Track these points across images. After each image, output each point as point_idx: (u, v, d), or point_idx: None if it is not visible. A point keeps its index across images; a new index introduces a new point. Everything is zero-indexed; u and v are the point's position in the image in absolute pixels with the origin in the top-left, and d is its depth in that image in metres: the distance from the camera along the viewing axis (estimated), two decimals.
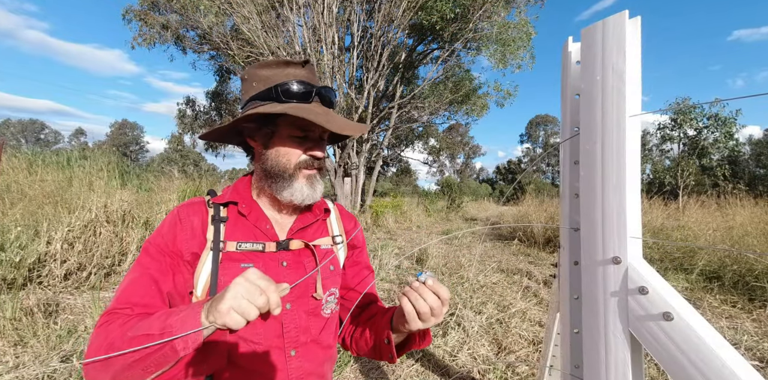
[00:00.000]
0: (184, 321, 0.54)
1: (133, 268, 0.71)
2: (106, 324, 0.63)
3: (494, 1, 10.15)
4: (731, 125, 21.10)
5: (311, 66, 0.79)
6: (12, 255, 3.28)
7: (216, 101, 17.25)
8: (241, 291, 0.51)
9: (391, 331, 0.73)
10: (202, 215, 0.75)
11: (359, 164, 12.73)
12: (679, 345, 0.53)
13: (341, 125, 0.73)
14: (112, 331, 0.60)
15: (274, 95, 0.73)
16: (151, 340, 0.54)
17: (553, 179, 48.92)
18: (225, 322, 0.51)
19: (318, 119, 0.68)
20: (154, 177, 7.46)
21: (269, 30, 9.87)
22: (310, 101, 0.75)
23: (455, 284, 4.32)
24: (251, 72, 0.78)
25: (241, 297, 0.51)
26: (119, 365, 0.56)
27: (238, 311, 0.50)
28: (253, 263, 0.73)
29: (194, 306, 0.56)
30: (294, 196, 0.75)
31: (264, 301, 0.52)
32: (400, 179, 39.11)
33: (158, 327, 0.56)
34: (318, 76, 0.86)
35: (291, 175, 0.75)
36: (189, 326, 0.53)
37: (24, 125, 59.26)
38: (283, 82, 0.73)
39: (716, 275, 4.65)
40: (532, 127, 56.81)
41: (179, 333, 0.53)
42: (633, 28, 0.61)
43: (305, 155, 0.76)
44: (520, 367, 2.44)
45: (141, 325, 0.58)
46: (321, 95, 0.76)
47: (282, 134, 0.75)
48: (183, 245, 0.71)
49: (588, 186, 0.66)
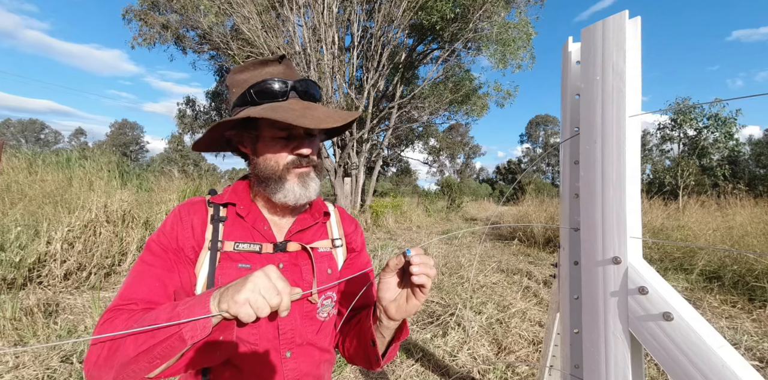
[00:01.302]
0: (192, 309, 0.53)
1: (136, 266, 0.71)
2: (110, 320, 0.61)
3: (494, 1, 10.15)
4: (731, 125, 21.10)
5: (288, 61, 0.78)
6: (12, 255, 3.28)
7: (216, 101, 17.25)
8: (260, 286, 0.51)
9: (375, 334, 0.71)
10: (202, 214, 0.75)
11: (359, 164, 12.73)
12: (679, 345, 0.53)
13: (319, 118, 0.69)
14: (117, 326, 0.59)
15: (249, 99, 0.72)
16: (159, 329, 0.53)
17: (553, 179, 48.92)
18: (237, 313, 0.50)
19: (289, 117, 0.66)
20: (154, 177, 7.47)
21: (269, 30, 9.87)
22: (285, 98, 0.73)
23: (455, 284, 4.32)
24: (230, 78, 0.77)
25: (258, 292, 0.51)
26: (124, 358, 0.54)
27: (254, 305, 0.50)
28: (251, 263, 0.73)
29: (202, 295, 0.56)
30: (287, 197, 0.74)
31: (278, 302, 0.52)
32: (400, 179, 39.11)
33: (165, 317, 0.54)
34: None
35: (280, 177, 0.74)
36: (197, 313, 0.52)
37: (24, 125, 59.27)
38: (254, 84, 0.72)
39: (716, 275, 4.65)
40: (532, 127, 56.82)
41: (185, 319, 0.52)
42: (633, 28, 0.61)
43: (292, 154, 0.74)
44: (520, 367, 2.44)
45: (148, 316, 0.57)
46: (297, 90, 0.74)
47: (265, 138, 0.74)
48: (184, 243, 0.71)
49: (588, 186, 0.66)
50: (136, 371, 0.55)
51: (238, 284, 0.53)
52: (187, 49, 13.37)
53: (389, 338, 0.73)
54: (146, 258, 0.70)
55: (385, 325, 0.70)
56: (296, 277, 0.76)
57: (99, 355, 0.57)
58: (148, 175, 7.78)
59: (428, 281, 0.62)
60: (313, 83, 0.78)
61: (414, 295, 0.65)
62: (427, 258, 0.63)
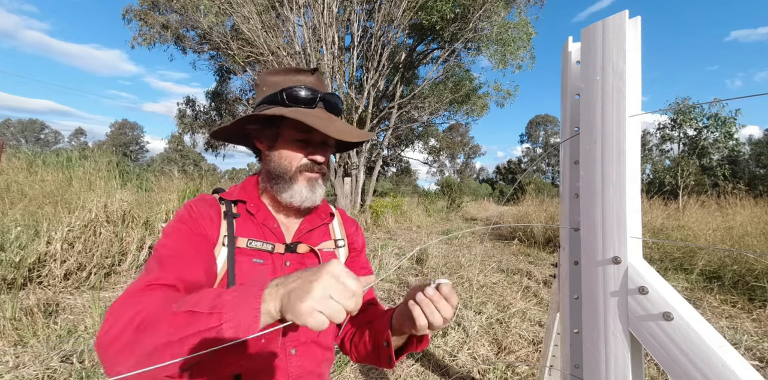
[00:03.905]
0: (238, 304, 0.47)
1: (162, 248, 0.66)
2: (140, 295, 0.55)
3: (494, 1, 10.15)
4: (731, 125, 21.09)
5: (319, 74, 0.82)
6: (12, 255, 3.28)
7: (216, 101, 17.23)
8: (330, 291, 0.45)
9: (390, 332, 0.72)
10: (216, 209, 0.77)
11: (359, 164, 12.72)
12: (679, 345, 0.53)
13: (340, 130, 0.73)
14: (150, 303, 0.53)
15: (279, 100, 0.75)
16: (198, 317, 0.47)
17: (553, 179, 48.90)
18: (306, 323, 0.44)
19: (316, 123, 0.69)
20: (154, 177, 7.46)
21: (269, 30, 9.87)
22: (313, 106, 0.77)
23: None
24: (262, 78, 0.81)
25: (329, 297, 0.45)
26: (149, 346, 0.48)
27: (326, 312, 0.44)
28: (264, 259, 0.75)
29: (251, 289, 0.49)
30: (293, 198, 0.76)
31: (354, 304, 0.46)
32: (400, 179, 39.10)
33: (207, 304, 0.48)
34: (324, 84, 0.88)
35: (291, 177, 0.76)
36: (245, 311, 0.46)
37: (24, 125, 59.27)
38: (289, 87, 0.76)
39: (716, 275, 4.64)
40: (532, 127, 56.81)
41: (229, 313, 0.46)
42: (633, 28, 0.61)
43: (306, 158, 0.77)
44: (520, 367, 2.44)
45: (188, 300, 0.51)
46: (325, 101, 0.78)
47: (285, 137, 0.77)
48: (206, 231, 0.72)
49: (588, 186, 0.66)
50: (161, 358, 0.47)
51: (299, 287, 0.46)
52: (187, 49, 13.37)
53: (402, 341, 0.75)
54: (171, 240, 0.68)
55: (401, 331, 0.71)
56: None
57: (122, 334, 0.50)
58: (148, 175, 7.78)
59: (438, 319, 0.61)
60: (339, 98, 0.82)
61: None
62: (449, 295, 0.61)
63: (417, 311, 0.61)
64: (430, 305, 0.61)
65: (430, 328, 0.62)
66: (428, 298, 0.61)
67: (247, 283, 0.53)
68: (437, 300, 0.60)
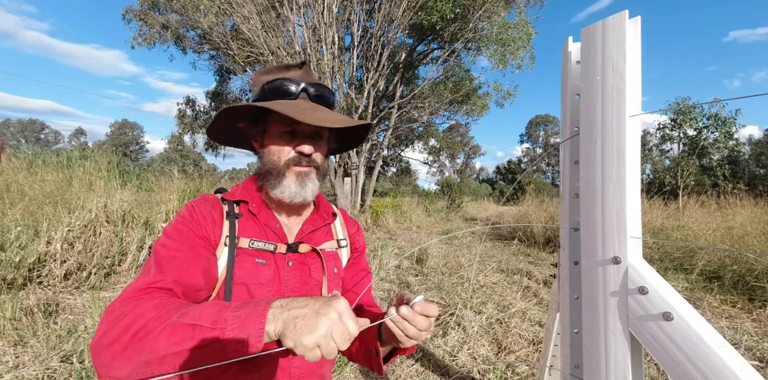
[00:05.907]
0: (242, 322, 0.48)
1: (160, 249, 0.66)
2: (137, 298, 0.55)
3: (494, 1, 10.15)
4: (731, 125, 21.10)
5: (307, 67, 0.82)
6: (12, 255, 3.28)
7: (216, 101, 17.23)
8: (333, 330, 0.47)
9: (379, 342, 0.73)
10: (219, 209, 0.76)
11: (359, 163, 12.72)
12: (679, 345, 0.53)
13: (321, 117, 0.70)
14: (148, 309, 0.52)
15: (262, 96, 0.76)
16: (200, 331, 0.47)
17: (553, 179, 48.89)
18: (304, 355, 0.47)
19: (290, 111, 0.67)
20: (154, 177, 7.45)
21: (269, 30, 9.87)
22: (295, 97, 0.76)
23: (455, 284, 4.32)
24: (255, 78, 0.82)
25: (330, 336, 0.47)
26: (149, 354, 0.48)
27: (324, 350, 0.47)
28: (266, 260, 0.74)
29: (255, 307, 0.50)
30: (283, 194, 0.75)
31: (347, 346, 0.49)
32: (400, 179, 39.09)
33: (209, 318, 0.49)
34: (318, 77, 0.87)
35: (280, 172, 0.75)
36: (248, 330, 0.47)
37: (24, 125, 59.25)
38: (269, 81, 0.75)
39: (716, 275, 4.64)
40: (532, 127, 56.80)
41: (232, 331, 0.47)
42: (633, 28, 0.61)
43: (294, 151, 0.76)
44: (520, 367, 2.44)
45: (189, 311, 0.51)
46: (308, 91, 0.77)
47: (272, 132, 0.76)
48: (207, 232, 0.71)
49: (588, 186, 0.66)
50: (159, 371, 0.48)
51: (306, 318, 0.48)
52: (187, 49, 13.37)
53: (390, 348, 0.76)
54: (171, 241, 0.67)
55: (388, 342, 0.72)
56: (305, 276, 0.78)
57: (118, 339, 0.50)
58: (148, 175, 7.77)
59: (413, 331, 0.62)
60: (327, 88, 0.80)
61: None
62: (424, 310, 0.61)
63: (395, 329, 0.63)
64: (403, 322, 0.62)
65: (410, 339, 0.64)
66: (402, 317, 0.62)
67: (249, 301, 0.53)
68: (411, 318, 0.61)
